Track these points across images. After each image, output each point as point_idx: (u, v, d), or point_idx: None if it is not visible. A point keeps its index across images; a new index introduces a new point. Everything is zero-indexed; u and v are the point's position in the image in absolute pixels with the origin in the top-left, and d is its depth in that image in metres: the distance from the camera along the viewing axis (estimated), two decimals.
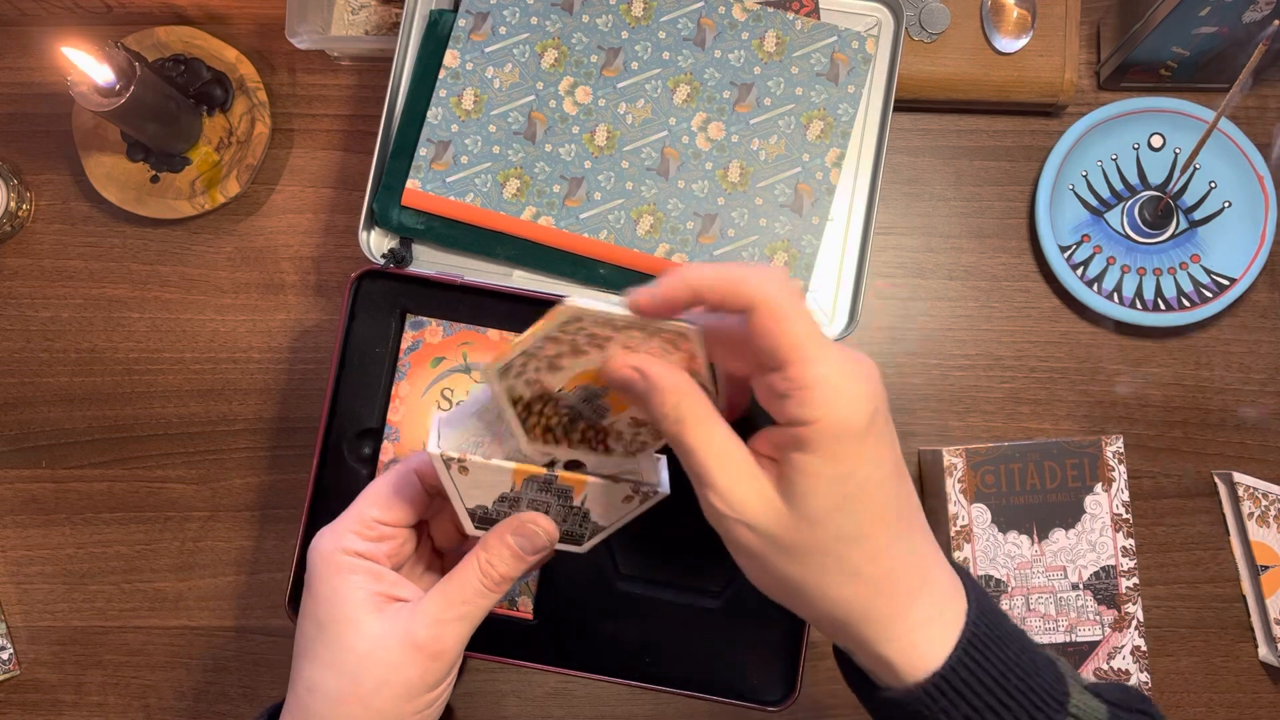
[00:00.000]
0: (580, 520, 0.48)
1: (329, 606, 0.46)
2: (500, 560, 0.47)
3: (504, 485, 0.46)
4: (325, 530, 0.48)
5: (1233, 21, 0.65)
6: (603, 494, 0.47)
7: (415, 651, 0.45)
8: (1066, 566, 0.63)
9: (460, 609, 0.46)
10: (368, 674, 0.45)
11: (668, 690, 0.60)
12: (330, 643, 0.46)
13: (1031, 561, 0.63)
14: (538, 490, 0.47)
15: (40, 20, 0.72)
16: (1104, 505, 0.63)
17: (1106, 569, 0.63)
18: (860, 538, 0.41)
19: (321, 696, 0.45)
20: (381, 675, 0.45)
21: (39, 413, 0.71)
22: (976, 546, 0.63)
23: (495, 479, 0.46)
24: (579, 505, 0.48)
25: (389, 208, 0.64)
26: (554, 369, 0.44)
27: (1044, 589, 0.63)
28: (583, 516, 0.48)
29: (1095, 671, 0.62)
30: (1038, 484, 0.64)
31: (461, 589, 0.46)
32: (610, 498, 0.47)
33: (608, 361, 0.43)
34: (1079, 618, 0.63)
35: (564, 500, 0.47)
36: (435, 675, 0.46)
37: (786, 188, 0.64)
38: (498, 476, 0.46)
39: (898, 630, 0.41)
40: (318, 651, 0.46)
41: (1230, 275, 0.70)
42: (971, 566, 0.63)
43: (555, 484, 0.47)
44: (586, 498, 0.47)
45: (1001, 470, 0.64)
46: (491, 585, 0.47)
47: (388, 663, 0.45)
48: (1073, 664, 0.62)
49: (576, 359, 0.44)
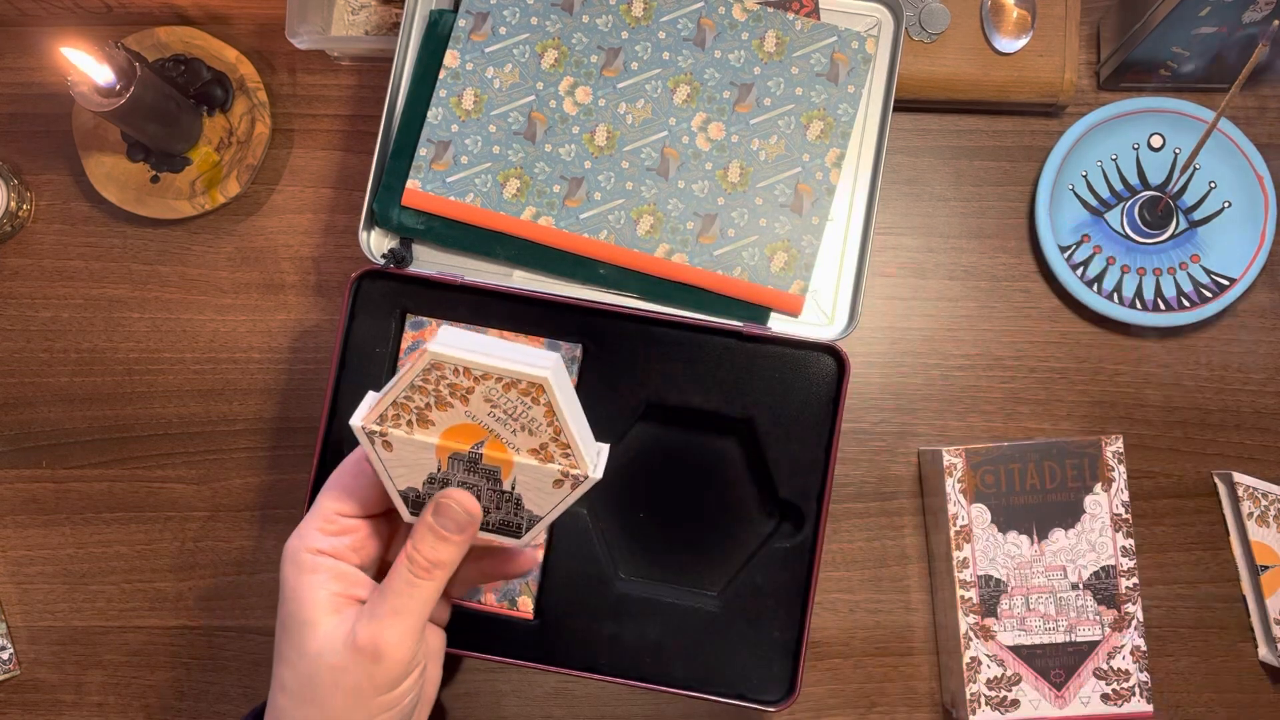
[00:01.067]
0: (514, 508, 0.47)
1: (293, 606, 0.46)
2: (424, 544, 0.46)
3: (430, 464, 0.46)
4: (294, 531, 0.48)
5: (1233, 21, 0.65)
6: (532, 477, 0.46)
7: (356, 653, 0.44)
8: (1066, 566, 0.63)
9: (393, 602, 0.45)
10: (320, 676, 0.45)
11: (668, 690, 0.60)
12: (293, 643, 0.45)
13: (1031, 561, 0.63)
14: (465, 470, 0.46)
15: (40, 20, 0.72)
16: (1104, 505, 0.63)
17: (1106, 569, 0.63)
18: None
19: (287, 696, 0.45)
20: (331, 678, 0.44)
21: (39, 413, 0.71)
22: (976, 546, 0.63)
23: (420, 456, 0.46)
24: (509, 490, 0.47)
25: (389, 208, 0.64)
26: (424, 422, 0.45)
27: (1044, 589, 0.63)
28: (515, 504, 0.47)
29: (1095, 671, 0.62)
30: (1037, 484, 0.64)
31: (392, 581, 0.45)
32: (540, 481, 0.46)
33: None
34: (1079, 618, 0.63)
35: (494, 484, 0.46)
36: (383, 678, 0.45)
37: (786, 188, 0.64)
38: (422, 453, 0.45)
39: None
40: (284, 651, 0.46)
41: (1230, 275, 0.70)
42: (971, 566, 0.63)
43: (481, 463, 0.46)
44: (516, 481, 0.46)
45: (1001, 470, 0.64)
46: (420, 571, 0.45)
47: (334, 665, 0.44)
48: (1073, 664, 0.63)
49: (443, 412, 0.44)
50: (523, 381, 0.43)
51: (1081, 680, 0.63)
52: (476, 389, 0.44)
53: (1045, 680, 0.63)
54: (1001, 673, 0.63)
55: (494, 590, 0.62)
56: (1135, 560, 0.64)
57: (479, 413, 0.45)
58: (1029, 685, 0.63)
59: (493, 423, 0.45)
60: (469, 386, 0.44)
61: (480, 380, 0.44)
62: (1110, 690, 0.63)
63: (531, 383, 0.43)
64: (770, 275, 0.64)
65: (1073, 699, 0.63)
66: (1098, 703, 0.63)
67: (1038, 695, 0.63)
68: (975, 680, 0.63)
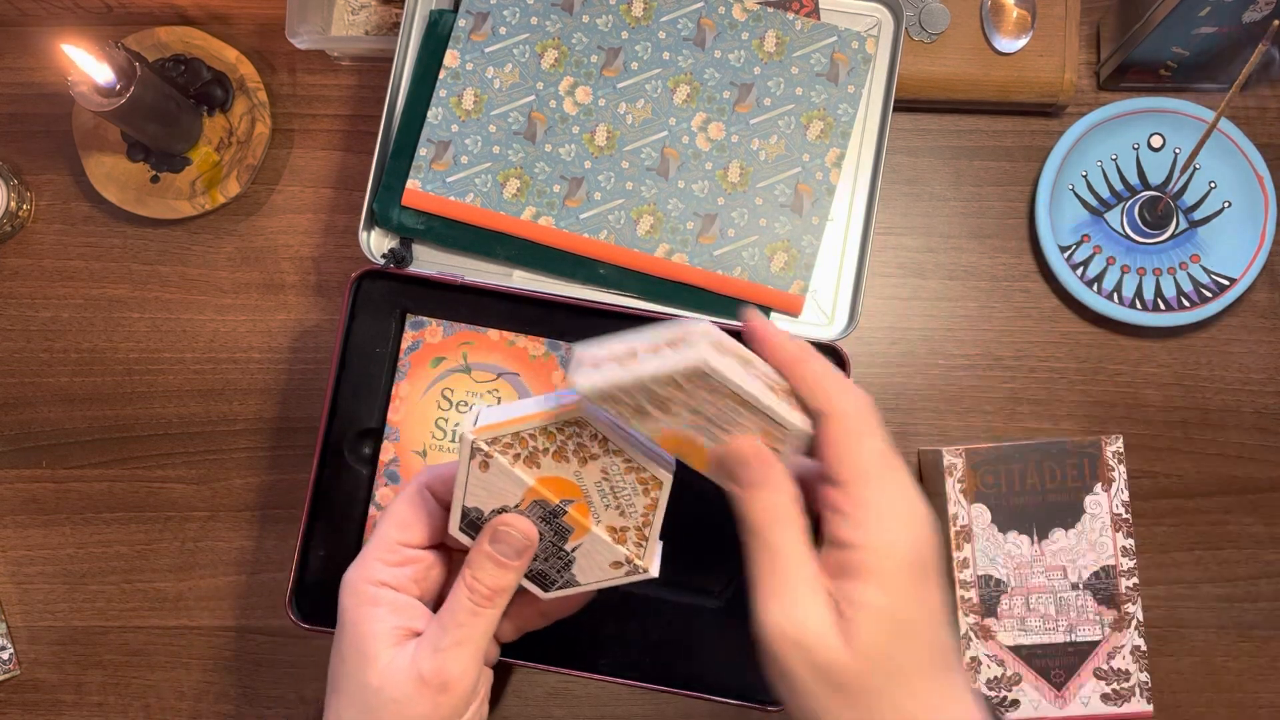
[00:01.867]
0: (561, 566, 0.47)
1: (353, 640, 0.45)
2: (483, 572, 0.45)
3: (511, 498, 0.45)
4: (355, 561, 0.47)
5: (1233, 21, 0.65)
6: (597, 549, 0.46)
7: (421, 686, 0.44)
8: (1066, 566, 0.63)
9: (455, 634, 0.45)
10: (384, 711, 0.44)
11: (668, 690, 0.60)
12: (351, 676, 0.45)
13: (1031, 561, 0.63)
14: (538, 519, 0.46)
15: (40, 20, 0.72)
16: (1104, 505, 0.63)
17: (1106, 569, 0.63)
18: (907, 679, 0.39)
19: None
20: (394, 711, 0.44)
21: (39, 413, 0.71)
22: (976, 546, 0.63)
23: (507, 487, 0.45)
24: (569, 551, 0.46)
25: (389, 208, 0.64)
26: (532, 462, 0.44)
27: (1044, 589, 0.63)
28: (566, 564, 0.47)
29: (1096, 671, 0.62)
30: (1037, 484, 0.64)
31: (454, 612, 0.45)
32: (602, 556, 0.46)
33: (735, 439, 0.41)
34: (1079, 618, 0.63)
35: (559, 539, 0.46)
36: (448, 709, 0.44)
37: (786, 188, 0.64)
38: (511, 486, 0.45)
39: None
40: (341, 684, 0.45)
41: (1230, 275, 0.70)
42: (971, 566, 0.63)
43: (559, 520, 0.45)
44: (580, 546, 0.46)
45: (1001, 470, 0.64)
46: (481, 600, 0.45)
47: (399, 698, 0.44)
48: (1073, 664, 0.63)
49: (555, 463, 0.44)
50: (647, 472, 0.44)
51: (1082, 680, 0.63)
52: (601, 458, 0.43)
53: (1045, 680, 0.63)
54: (1002, 673, 0.63)
55: None
56: (1135, 560, 0.64)
57: (588, 478, 0.44)
58: (1029, 685, 0.63)
59: (594, 492, 0.45)
60: (595, 453, 0.43)
61: (610, 453, 0.43)
62: (1110, 690, 0.63)
63: (654, 477, 0.44)
64: (770, 275, 0.64)
65: (1073, 699, 0.63)
66: (1098, 703, 0.63)
67: (1038, 695, 0.63)
68: (975, 680, 0.63)
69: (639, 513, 0.45)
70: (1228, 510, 0.70)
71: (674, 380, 0.40)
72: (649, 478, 0.44)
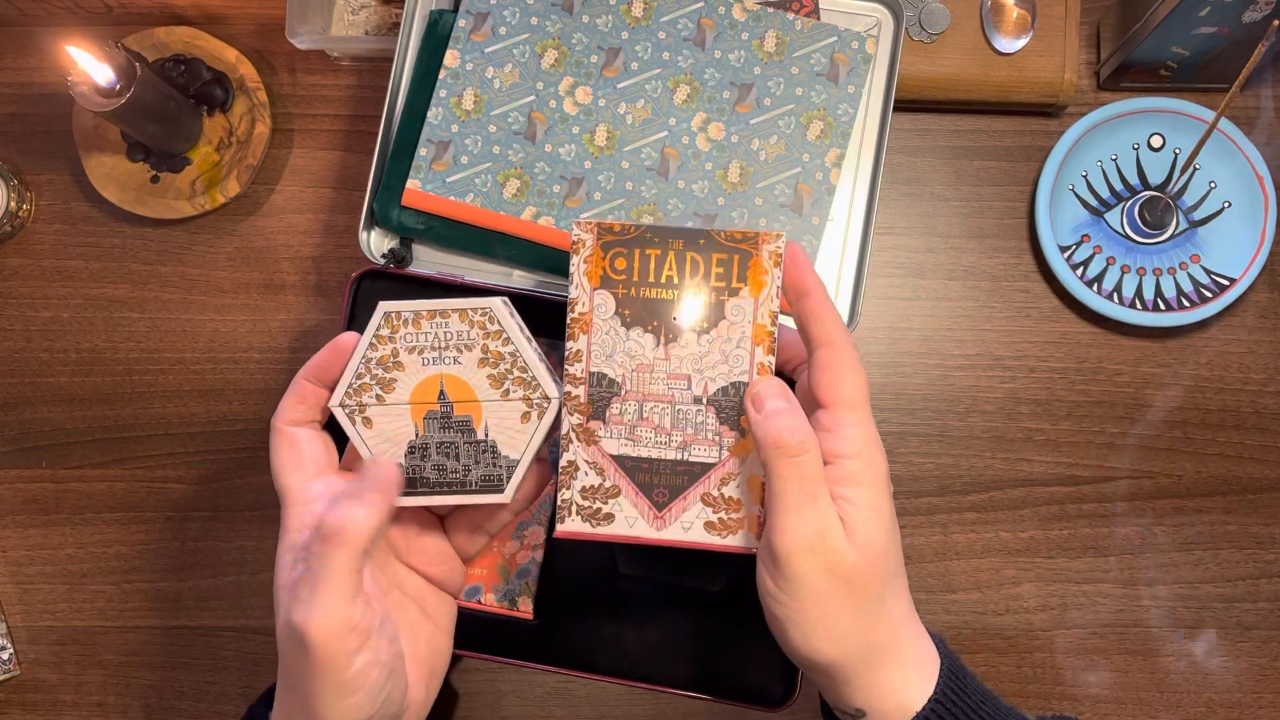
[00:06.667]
0: (491, 458, 0.49)
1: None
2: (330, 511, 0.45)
3: (407, 430, 0.48)
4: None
5: (1233, 21, 0.65)
6: (500, 417, 0.48)
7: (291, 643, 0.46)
8: (692, 376, 0.53)
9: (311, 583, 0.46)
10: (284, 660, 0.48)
11: (668, 690, 0.60)
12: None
13: (653, 365, 0.53)
14: (440, 429, 0.48)
15: (40, 20, 0.72)
16: (747, 313, 0.53)
17: (737, 385, 0.53)
18: (892, 578, 0.45)
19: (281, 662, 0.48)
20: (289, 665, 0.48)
21: (39, 413, 0.71)
22: (594, 339, 0.53)
23: (398, 424, 0.48)
24: (484, 438, 0.48)
25: (389, 208, 0.64)
26: (388, 385, 0.47)
27: (662, 397, 0.53)
28: (492, 452, 0.49)
29: (704, 496, 0.53)
30: (674, 277, 0.54)
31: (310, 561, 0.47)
32: (509, 419, 0.48)
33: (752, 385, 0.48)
34: (696, 435, 0.53)
35: (469, 436, 0.48)
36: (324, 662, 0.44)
37: (786, 188, 0.64)
38: (399, 420, 0.47)
39: (885, 676, 0.45)
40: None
41: (1230, 275, 0.70)
42: (584, 360, 0.53)
43: (454, 416, 0.48)
44: (488, 426, 0.48)
45: (636, 255, 0.53)
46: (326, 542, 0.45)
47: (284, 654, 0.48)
48: (681, 485, 0.54)
49: (402, 372, 0.47)
50: (474, 311, 0.47)
51: (686, 504, 0.54)
52: (431, 332, 0.47)
53: (647, 498, 0.54)
54: (600, 482, 0.54)
55: (494, 590, 0.62)
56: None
57: (435, 357, 0.47)
58: (627, 500, 0.54)
59: (450, 364, 0.47)
60: (422, 332, 0.47)
61: (433, 317, 0.47)
62: (716, 519, 0.54)
63: (481, 309, 0.47)
64: None
65: (673, 522, 0.54)
66: (700, 530, 0.54)
67: (635, 513, 0.54)
68: (570, 486, 0.54)
69: (500, 350, 0.48)
70: (1228, 510, 0.70)
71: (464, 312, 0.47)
72: (478, 313, 0.47)
